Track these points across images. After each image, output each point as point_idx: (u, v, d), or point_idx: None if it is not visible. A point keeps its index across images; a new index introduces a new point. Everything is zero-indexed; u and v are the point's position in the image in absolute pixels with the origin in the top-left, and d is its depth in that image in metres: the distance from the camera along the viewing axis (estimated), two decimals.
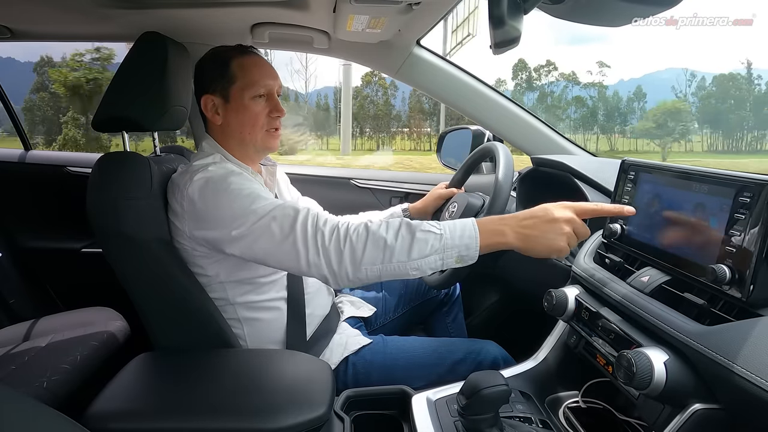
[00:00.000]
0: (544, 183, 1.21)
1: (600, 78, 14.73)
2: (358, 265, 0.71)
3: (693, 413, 0.53)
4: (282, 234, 0.74)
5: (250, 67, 0.89)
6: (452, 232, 0.71)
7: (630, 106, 15.87)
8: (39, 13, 1.09)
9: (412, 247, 0.70)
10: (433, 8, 0.95)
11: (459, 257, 0.71)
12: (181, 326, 0.87)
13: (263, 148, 0.93)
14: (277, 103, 0.91)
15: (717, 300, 0.58)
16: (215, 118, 0.91)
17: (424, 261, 0.71)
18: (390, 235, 0.71)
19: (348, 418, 0.77)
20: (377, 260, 0.70)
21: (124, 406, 0.70)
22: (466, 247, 0.71)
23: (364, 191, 1.58)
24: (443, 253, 0.71)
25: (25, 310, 1.50)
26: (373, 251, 0.70)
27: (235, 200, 0.78)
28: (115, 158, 0.85)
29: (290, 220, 0.74)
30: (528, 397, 0.77)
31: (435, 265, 0.71)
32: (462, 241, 0.71)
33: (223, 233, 0.78)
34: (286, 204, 0.78)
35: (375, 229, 0.72)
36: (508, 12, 0.47)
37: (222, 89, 0.89)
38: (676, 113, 17.01)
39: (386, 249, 0.70)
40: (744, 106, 20.30)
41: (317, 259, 0.72)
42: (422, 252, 0.70)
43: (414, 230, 0.71)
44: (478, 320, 1.36)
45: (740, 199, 0.55)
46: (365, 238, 0.71)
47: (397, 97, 17.73)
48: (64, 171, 1.59)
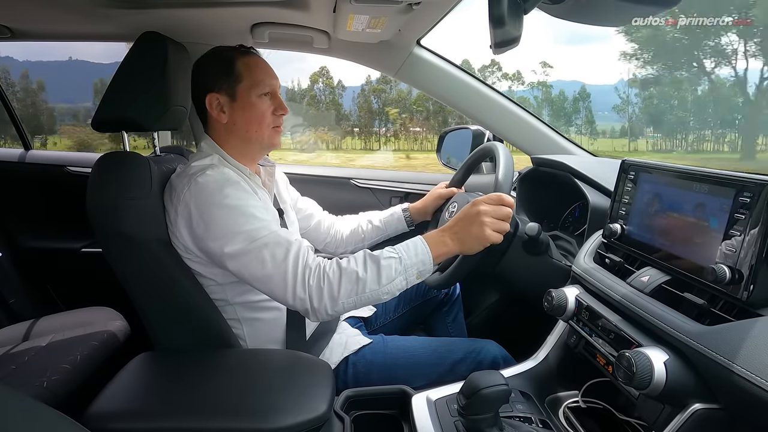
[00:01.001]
0: (544, 183, 1.21)
1: (544, 77, 14.84)
2: (336, 300, 0.77)
3: (693, 413, 0.53)
4: (273, 264, 0.77)
5: (255, 67, 0.91)
6: (408, 253, 0.80)
7: (576, 106, 15.99)
8: (39, 13, 1.09)
9: (380, 274, 0.77)
10: (434, 8, 0.94)
11: (419, 273, 0.80)
12: (181, 326, 0.87)
13: (269, 145, 0.94)
14: (281, 101, 0.93)
15: (717, 300, 0.58)
16: (221, 116, 0.91)
17: (392, 284, 0.78)
18: (360, 268, 0.77)
19: (348, 418, 0.77)
20: (352, 293, 0.77)
21: (124, 406, 0.70)
22: (422, 263, 0.80)
23: (364, 191, 1.58)
24: (405, 273, 0.79)
25: (25, 310, 1.50)
26: (347, 285, 0.77)
27: (230, 216, 0.79)
28: (115, 158, 0.85)
29: (283, 252, 0.78)
30: (528, 396, 0.77)
31: (401, 285, 0.79)
32: (418, 258, 0.80)
33: (215, 246, 0.80)
34: (279, 233, 0.80)
35: (345, 265, 0.78)
36: (508, 12, 0.47)
37: (228, 87, 0.89)
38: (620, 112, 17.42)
39: (359, 281, 0.77)
40: (685, 107, 20.53)
41: (303, 294, 0.77)
42: (389, 277, 0.78)
43: (378, 259, 0.78)
44: (478, 320, 1.36)
45: (740, 199, 0.56)
46: (339, 274, 0.77)
47: (345, 97, 17.62)
48: (64, 171, 1.59)
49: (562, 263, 0.93)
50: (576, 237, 1.05)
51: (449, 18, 1.04)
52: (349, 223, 1.22)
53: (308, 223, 1.18)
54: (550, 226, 1.17)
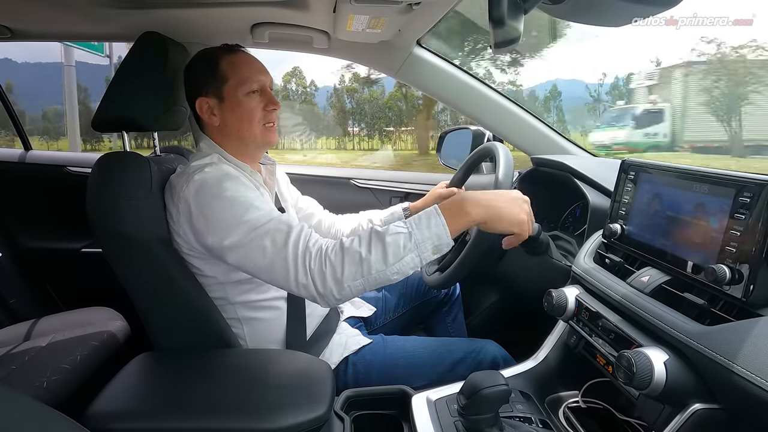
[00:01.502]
0: (544, 183, 1.21)
1: (514, 77, 14.97)
2: (341, 284, 0.71)
3: (693, 413, 0.53)
4: (274, 250, 0.73)
5: (240, 64, 0.89)
6: (419, 226, 0.71)
7: (546, 105, 16.07)
8: (39, 13, 1.09)
9: (386, 253, 0.70)
10: (434, 8, 0.94)
11: (434, 248, 0.71)
12: (181, 326, 0.87)
13: (263, 143, 0.93)
14: (272, 96, 0.91)
15: (717, 300, 0.58)
16: (212, 119, 0.90)
17: (401, 263, 0.70)
18: (363, 248, 0.71)
19: (348, 418, 0.77)
20: (357, 275, 0.71)
21: (124, 406, 0.70)
22: (437, 237, 0.71)
23: (364, 191, 1.58)
24: (417, 249, 0.70)
25: (25, 310, 1.50)
26: (351, 267, 0.70)
27: (229, 208, 0.77)
28: (115, 158, 0.85)
29: (283, 237, 0.74)
30: (528, 397, 0.77)
31: (414, 263, 0.71)
32: (431, 231, 0.71)
33: (215, 241, 0.78)
34: (281, 218, 0.77)
35: (348, 245, 0.72)
36: (509, 12, 0.47)
37: (215, 89, 0.89)
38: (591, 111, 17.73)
39: (363, 262, 0.70)
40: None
41: (305, 280, 0.72)
42: (397, 255, 0.70)
43: (383, 236, 0.71)
44: (478, 320, 1.36)
45: (740, 199, 0.56)
46: (341, 256, 0.71)
47: (318, 96, 17.58)
48: (64, 171, 1.59)
49: (562, 263, 0.93)
50: (576, 237, 1.05)
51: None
52: (350, 222, 1.22)
53: (309, 222, 1.18)
54: (550, 226, 1.17)
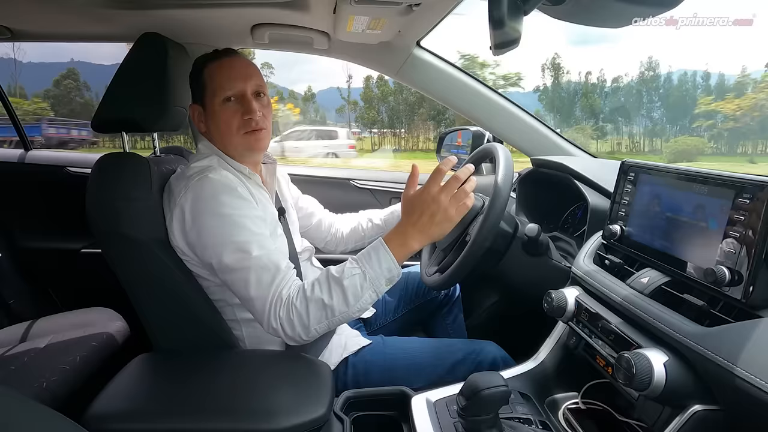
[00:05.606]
0: (544, 184, 1.21)
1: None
2: (308, 328, 0.77)
3: (692, 414, 0.53)
4: (257, 288, 0.78)
5: (219, 72, 0.88)
6: (370, 264, 0.79)
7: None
8: (39, 13, 1.09)
9: (347, 295, 0.77)
10: (434, 9, 0.95)
11: (387, 280, 0.79)
12: (180, 327, 0.86)
13: (246, 151, 0.90)
14: (249, 104, 0.86)
15: (716, 301, 0.58)
16: (200, 126, 0.92)
17: (362, 301, 0.78)
18: (325, 294, 0.77)
19: (347, 419, 0.77)
20: (322, 318, 0.77)
21: (123, 406, 0.70)
22: (388, 270, 0.79)
23: (364, 192, 1.58)
24: (372, 286, 0.78)
25: (25, 311, 1.50)
26: (316, 313, 0.77)
27: (222, 227, 0.79)
28: (115, 159, 0.85)
29: (269, 278, 0.78)
30: (528, 398, 0.77)
31: (372, 298, 0.79)
32: (382, 267, 0.79)
33: (204, 255, 0.81)
34: (270, 255, 0.79)
35: (310, 292, 0.77)
36: (508, 13, 0.47)
37: (200, 97, 0.91)
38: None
39: (326, 308, 0.77)
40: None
41: (276, 324, 0.77)
42: (356, 295, 0.77)
43: (340, 280, 0.77)
44: (477, 321, 1.36)
45: (739, 200, 0.56)
46: (306, 304, 0.77)
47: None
48: (64, 171, 1.59)
49: (561, 264, 0.93)
50: (576, 238, 1.05)
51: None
52: (350, 222, 1.22)
53: (309, 222, 1.18)
54: (549, 228, 1.17)
